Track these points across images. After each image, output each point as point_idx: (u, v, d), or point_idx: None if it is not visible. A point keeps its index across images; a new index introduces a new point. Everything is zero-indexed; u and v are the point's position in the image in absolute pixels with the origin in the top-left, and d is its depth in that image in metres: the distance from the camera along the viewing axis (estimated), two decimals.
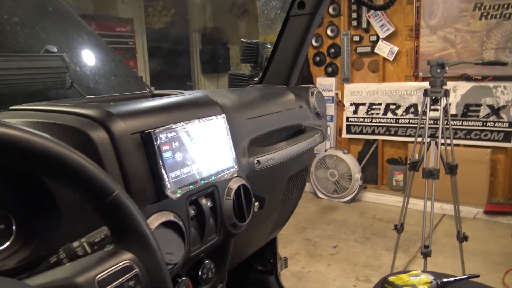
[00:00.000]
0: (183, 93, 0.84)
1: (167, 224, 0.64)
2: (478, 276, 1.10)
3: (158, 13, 4.35)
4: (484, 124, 3.79)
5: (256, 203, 0.90)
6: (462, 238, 2.47)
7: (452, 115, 3.66)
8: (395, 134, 4.27)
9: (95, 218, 0.49)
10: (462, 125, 3.84)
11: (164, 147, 0.66)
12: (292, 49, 1.25)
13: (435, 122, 2.72)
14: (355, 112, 4.44)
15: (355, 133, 4.49)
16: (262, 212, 0.96)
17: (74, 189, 0.43)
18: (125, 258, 0.46)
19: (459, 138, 3.80)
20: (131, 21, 4.15)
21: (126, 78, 1.42)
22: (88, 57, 1.31)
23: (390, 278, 1.04)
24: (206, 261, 0.81)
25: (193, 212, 0.73)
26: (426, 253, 2.29)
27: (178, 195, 0.66)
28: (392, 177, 4.35)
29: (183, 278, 0.74)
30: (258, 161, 0.87)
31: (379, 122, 4.34)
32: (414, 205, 3.26)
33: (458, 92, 3.84)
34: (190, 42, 5.13)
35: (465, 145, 3.82)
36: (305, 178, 1.28)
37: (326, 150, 4.37)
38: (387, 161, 4.40)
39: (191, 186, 0.69)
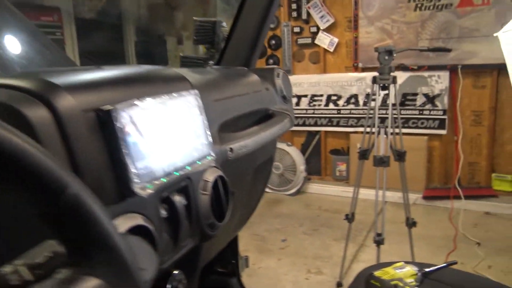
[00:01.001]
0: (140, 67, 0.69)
1: (135, 230, 0.50)
2: (455, 263, 1.06)
3: (89, 2, 4.03)
4: (421, 112, 3.91)
5: None
6: (411, 224, 2.50)
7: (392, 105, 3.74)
8: (337, 125, 4.30)
9: (38, 228, 0.34)
10: (400, 113, 3.93)
11: (128, 129, 0.51)
12: (253, 26, 1.13)
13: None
14: (297, 104, 4.41)
15: (297, 125, 4.47)
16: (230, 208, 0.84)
17: (6, 186, 0.28)
18: (89, 287, 0.31)
19: (398, 126, 3.89)
20: (58, 10, 3.80)
21: (59, 61, 1.22)
22: (11, 38, 1.09)
23: (376, 273, 0.97)
24: (175, 272, 0.66)
25: (164, 212, 0.59)
26: (379, 241, 2.28)
27: (149, 191, 0.51)
28: (335, 168, 4.38)
29: None
30: (231, 149, 0.74)
31: (321, 114, 4.34)
32: (359, 193, 3.30)
33: (396, 83, 3.93)
34: (124, 33, 4.83)
35: (403, 133, 3.91)
36: (270, 169, 1.18)
37: None
38: (330, 152, 4.43)
39: (163, 179, 0.55)
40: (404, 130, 3.87)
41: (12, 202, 0.34)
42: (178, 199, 0.59)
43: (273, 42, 4.43)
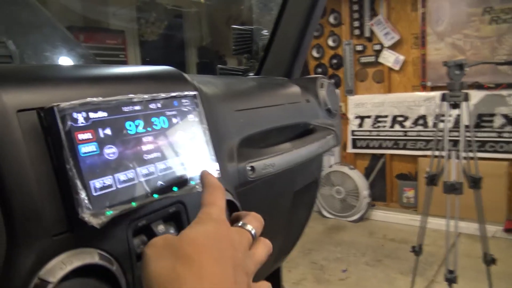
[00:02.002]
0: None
1: (87, 272, 0.39)
2: None
3: (151, 24, 4.16)
4: (499, 135, 3.55)
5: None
6: (489, 260, 2.19)
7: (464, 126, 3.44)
8: (404, 148, 4.02)
9: None
10: (476, 136, 3.60)
11: (82, 136, 0.39)
12: (295, 33, 1.01)
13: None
14: (360, 125, 4.20)
15: (361, 147, 4.25)
16: None
17: None
18: None
19: (472, 150, 3.56)
20: (123, 33, 3.95)
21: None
22: (41, 46, 1.07)
23: None
24: None
25: (142, 247, 0.45)
26: (451, 279, 2.02)
27: (105, 220, 0.39)
28: (402, 194, 4.08)
29: None
30: (252, 168, 0.61)
31: (386, 136, 4.09)
32: (428, 223, 3.02)
33: (470, 101, 3.62)
34: (186, 56, 4.93)
35: (480, 158, 3.57)
36: (314, 193, 1.03)
37: (330, 166, 4.11)
38: (396, 176, 4.14)
39: (133, 204, 0.42)
40: (480, 155, 3.54)
41: None
42: (163, 229, 0.47)
43: (335, 61, 4.28)
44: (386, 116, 4.07)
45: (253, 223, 0.47)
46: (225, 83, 0.73)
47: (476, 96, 3.56)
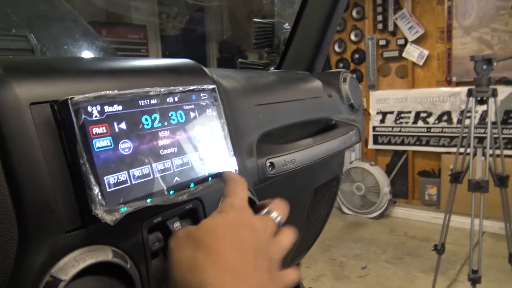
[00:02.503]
0: None
1: (100, 269, 0.38)
2: None
3: (172, 19, 4.16)
4: None
5: None
6: None
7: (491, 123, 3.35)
8: (427, 144, 3.94)
9: None
10: (502, 133, 3.49)
11: (96, 130, 0.38)
12: (317, 26, 0.99)
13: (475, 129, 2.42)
14: (382, 121, 4.13)
15: (382, 143, 4.18)
16: None
17: None
18: None
19: (499, 148, 3.47)
20: (144, 28, 3.97)
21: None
22: (62, 40, 1.07)
23: None
24: None
25: (157, 244, 0.45)
26: (474, 279, 1.97)
27: (118, 217, 0.38)
28: (425, 191, 4.01)
29: None
30: (272, 164, 0.59)
31: (409, 132, 4.01)
32: (451, 221, 2.97)
33: (497, 97, 3.52)
34: (207, 50, 4.93)
35: (505, 156, 3.47)
36: (335, 190, 1.01)
37: (351, 162, 4.06)
38: (419, 173, 4.07)
39: (148, 200, 0.41)
40: (507, 152, 3.44)
41: None
42: (179, 227, 0.46)
43: (357, 56, 4.21)
44: (409, 112, 3.99)
45: (278, 209, 0.47)
46: (245, 77, 0.72)
47: (503, 91, 3.46)
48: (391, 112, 4.09)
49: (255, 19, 1.08)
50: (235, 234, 0.40)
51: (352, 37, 4.21)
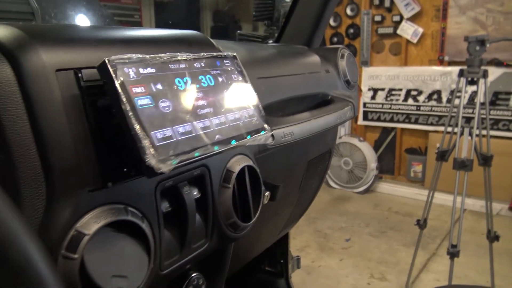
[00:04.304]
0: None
1: (118, 227, 0.41)
2: None
3: None
4: None
5: (267, 193, 0.66)
6: (493, 237, 2.22)
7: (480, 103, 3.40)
8: (416, 122, 3.99)
9: None
10: (489, 114, 3.55)
11: (136, 89, 0.40)
12: (317, 1, 1.00)
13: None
14: (373, 97, 4.16)
15: (372, 120, 4.23)
16: (273, 205, 0.72)
17: None
18: None
19: (485, 128, 3.53)
20: None
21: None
22: (62, 3, 1.06)
23: None
24: (193, 275, 0.56)
25: (167, 206, 0.48)
26: (453, 253, 2.05)
27: (171, 167, 0.39)
28: (410, 168, 4.09)
29: None
30: (272, 136, 0.62)
31: (399, 109, 4.06)
32: (434, 198, 3.05)
33: (487, 78, 3.56)
34: (201, 19, 4.86)
35: (491, 136, 3.54)
36: (327, 163, 1.04)
37: (340, 137, 4.11)
38: (406, 150, 4.14)
39: (196, 154, 0.42)
40: (493, 133, 3.51)
41: None
42: (187, 191, 0.49)
43: (351, 31, 4.20)
44: (400, 90, 4.02)
45: None
46: (247, 49, 0.73)
47: (494, 73, 3.50)
48: (382, 89, 4.12)
49: None
50: None
51: (348, 11, 4.18)
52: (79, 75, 0.40)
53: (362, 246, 3.03)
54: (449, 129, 2.28)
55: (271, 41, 1.09)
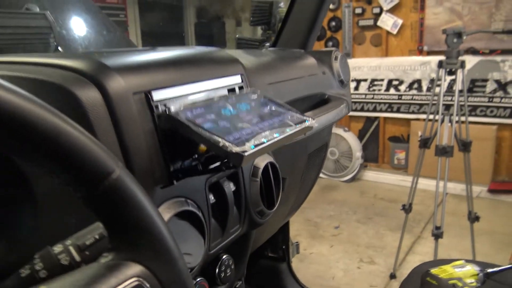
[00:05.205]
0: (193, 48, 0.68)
1: (182, 215, 0.49)
2: None
3: None
4: (490, 100, 3.67)
5: None
6: (473, 218, 2.36)
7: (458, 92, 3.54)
8: (398, 111, 4.13)
9: (86, 211, 0.34)
10: (467, 100, 3.71)
11: (199, 120, 0.49)
12: (311, 7, 1.09)
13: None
14: (356, 88, 4.28)
15: (356, 110, 4.35)
16: (281, 195, 0.82)
17: (50, 169, 0.28)
18: (132, 274, 0.30)
19: (464, 114, 3.68)
20: None
21: (118, 42, 1.25)
22: (74, 18, 1.13)
23: (433, 271, 0.91)
24: (224, 257, 0.66)
25: (213, 198, 0.58)
26: (437, 235, 2.18)
27: (252, 150, 0.46)
28: (394, 156, 4.23)
29: (198, 279, 0.59)
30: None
31: (381, 99, 4.19)
32: (418, 183, 3.19)
33: (464, 68, 3.70)
34: (185, 16, 4.90)
35: (470, 122, 3.70)
36: (324, 155, 1.14)
37: None
38: (389, 139, 4.28)
39: (264, 140, 0.49)
40: (471, 119, 3.65)
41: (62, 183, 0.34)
42: (227, 185, 0.58)
43: (333, 23, 4.30)
44: (382, 80, 4.15)
45: None
46: (254, 56, 0.82)
47: (470, 61, 3.64)
48: (365, 80, 4.24)
49: None
50: None
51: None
52: (149, 96, 0.49)
53: (351, 233, 3.14)
54: (431, 116, 2.40)
55: (267, 44, 1.18)
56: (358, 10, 4.13)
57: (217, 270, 0.65)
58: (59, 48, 0.95)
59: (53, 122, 0.26)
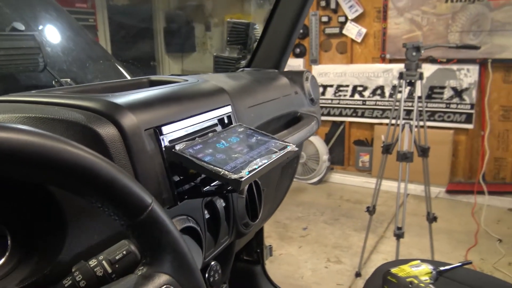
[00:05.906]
0: (186, 80, 0.76)
1: (184, 231, 0.57)
2: (471, 263, 1.11)
3: None
4: (448, 106, 3.88)
5: None
6: (431, 219, 2.53)
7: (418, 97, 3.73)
8: (362, 116, 4.31)
9: (108, 229, 0.42)
10: (426, 107, 3.91)
11: (200, 155, 0.58)
12: (285, 29, 1.18)
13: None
14: (322, 93, 4.43)
15: (322, 114, 4.49)
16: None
17: (102, 204, 0.36)
18: (164, 282, 0.39)
19: (423, 119, 3.88)
20: None
21: (102, 60, 1.30)
22: (59, 37, 1.18)
23: (393, 270, 1.03)
24: (212, 263, 0.74)
25: (207, 214, 0.66)
26: (399, 235, 2.33)
27: (247, 176, 0.55)
28: (359, 158, 4.40)
29: None
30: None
31: (346, 104, 4.35)
32: (381, 185, 3.34)
33: (423, 80, 3.91)
34: (154, 20, 4.91)
35: (429, 127, 3.90)
36: (296, 165, 1.24)
37: None
38: (354, 142, 4.45)
39: (256, 166, 0.58)
40: (430, 124, 3.87)
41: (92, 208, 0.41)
42: (219, 202, 0.67)
43: (301, 31, 4.43)
44: (347, 86, 4.31)
45: None
46: (236, 81, 0.91)
47: (429, 69, 3.86)
48: (331, 86, 4.39)
49: (229, 20, 1.25)
50: None
51: None
52: (157, 131, 0.57)
53: (318, 233, 3.25)
54: (393, 121, 2.55)
55: (243, 62, 1.26)
56: (325, 19, 4.28)
57: (206, 275, 0.73)
58: (47, 68, 1.01)
59: (108, 171, 0.34)
